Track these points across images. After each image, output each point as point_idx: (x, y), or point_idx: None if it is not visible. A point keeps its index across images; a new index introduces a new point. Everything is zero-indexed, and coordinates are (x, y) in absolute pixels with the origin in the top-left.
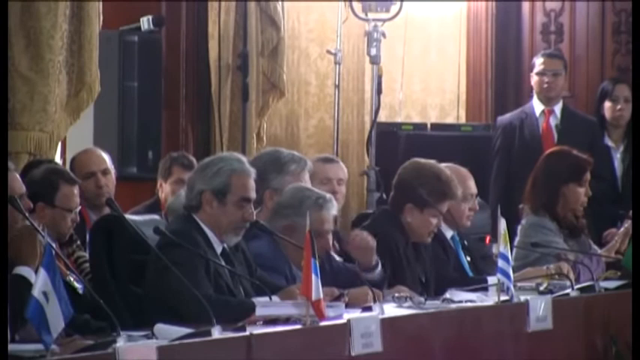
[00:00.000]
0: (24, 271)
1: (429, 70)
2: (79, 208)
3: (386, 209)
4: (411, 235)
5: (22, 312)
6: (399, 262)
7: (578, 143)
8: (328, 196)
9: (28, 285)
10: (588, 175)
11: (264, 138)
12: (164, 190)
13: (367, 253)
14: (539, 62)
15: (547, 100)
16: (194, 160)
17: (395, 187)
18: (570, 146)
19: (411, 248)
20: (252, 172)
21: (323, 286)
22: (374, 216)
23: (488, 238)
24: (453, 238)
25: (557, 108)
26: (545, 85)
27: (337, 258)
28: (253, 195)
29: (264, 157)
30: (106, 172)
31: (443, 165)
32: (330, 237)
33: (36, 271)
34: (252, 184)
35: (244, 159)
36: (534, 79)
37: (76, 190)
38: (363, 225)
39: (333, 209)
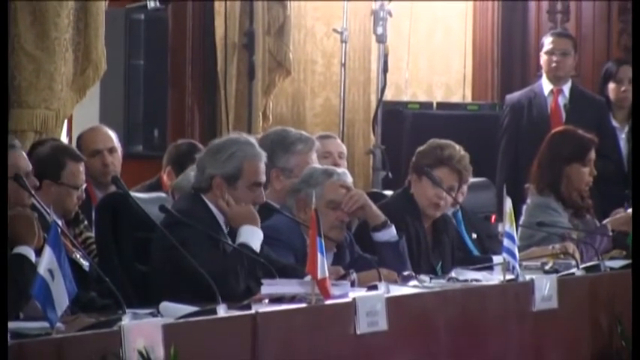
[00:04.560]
0: (23, 250)
1: (435, 49)
2: (85, 185)
3: (404, 188)
4: (422, 213)
5: (25, 289)
6: (407, 242)
7: (587, 123)
8: (340, 169)
9: (29, 263)
10: (593, 155)
11: (270, 117)
12: (171, 177)
13: (367, 210)
14: (548, 41)
15: (555, 79)
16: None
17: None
18: (578, 126)
19: (429, 233)
20: (264, 155)
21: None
22: (392, 195)
23: (493, 217)
24: (455, 215)
25: (566, 87)
26: (554, 65)
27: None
28: (264, 178)
29: (271, 136)
30: (112, 150)
31: None
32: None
33: (36, 250)
34: (263, 167)
35: (254, 141)
36: (543, 58)
37: (81, 167)
38: (379, 204)
39: (347, 178)
